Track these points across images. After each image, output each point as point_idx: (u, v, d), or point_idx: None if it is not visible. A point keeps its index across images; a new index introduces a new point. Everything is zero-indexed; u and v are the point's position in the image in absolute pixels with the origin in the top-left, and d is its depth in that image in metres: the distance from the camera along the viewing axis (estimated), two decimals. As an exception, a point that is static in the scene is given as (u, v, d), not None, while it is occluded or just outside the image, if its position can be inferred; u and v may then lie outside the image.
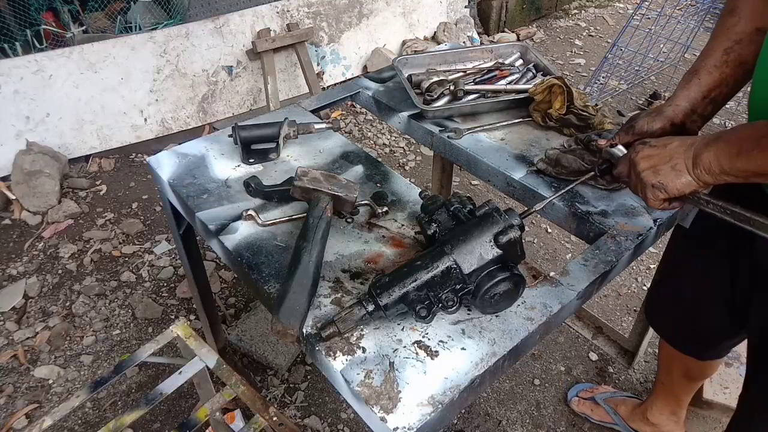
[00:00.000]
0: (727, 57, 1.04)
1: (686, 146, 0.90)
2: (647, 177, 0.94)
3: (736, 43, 1.03)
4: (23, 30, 2.92)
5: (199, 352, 1.28)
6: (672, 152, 0.92)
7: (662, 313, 1.49)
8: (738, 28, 1.03)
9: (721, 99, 1.07)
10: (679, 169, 0.90)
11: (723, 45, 1.04)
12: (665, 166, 0.91)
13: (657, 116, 1.07)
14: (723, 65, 1.04)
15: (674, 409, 1.67)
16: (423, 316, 0.92)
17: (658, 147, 0.94)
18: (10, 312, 2.22)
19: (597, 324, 2.13)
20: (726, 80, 1.05)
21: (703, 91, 1.06)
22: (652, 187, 0.93)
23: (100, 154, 3.10)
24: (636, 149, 0.98)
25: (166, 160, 1.37)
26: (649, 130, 1.07)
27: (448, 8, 4.30)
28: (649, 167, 0.94)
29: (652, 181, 0.93)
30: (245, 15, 3.26)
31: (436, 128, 1.50)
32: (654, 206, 0.97)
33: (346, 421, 1.88)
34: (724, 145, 0.86)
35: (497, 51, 1.81)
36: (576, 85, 3.60)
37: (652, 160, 0.94)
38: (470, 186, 3.05)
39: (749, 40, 1.02)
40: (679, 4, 4.05)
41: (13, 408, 1.90)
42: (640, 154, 0.96)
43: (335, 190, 1.12)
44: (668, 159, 0.92)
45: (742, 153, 0.82)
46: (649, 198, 0.96)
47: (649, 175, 0.93)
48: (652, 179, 0.93)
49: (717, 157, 0.86)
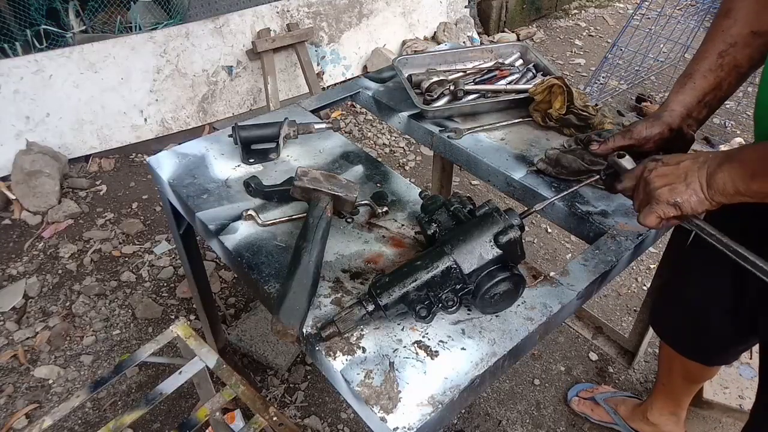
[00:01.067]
0: (722, 60, 1.03)
1: (699, 164, 0.89)
2: (663, 195, 0.91)
3: (731, 47, 1.02)
4: (23, 30, 2.92)
5: (199, 352, 1.28)
6: (686, 170, 0.90)
7: (668, 320, 1.47)
8: (733, 30, 1.02)
9: (716, 102, 1.07)
10: (694, 188, 0.88)
11: (718, 48, 1.04)
12: (681, 184, 0.89)
13: (655, 122, 1.07)
14: (718, 69, 1.04)
15: (674, 409, 1.67)
16: (423, 316, 0.92)
17: (671, 165, 0.92)
18: (10, 312, 2.22)
19: (597, 324, 2.13)
20: (721, 84, 1.05)
21: (698, 96, 1.06)
22: (666, 204, 0.91)
23: (100, 154, 3.10)
24: (648, 167, 0.95)
25: (166, 160, 1.37)
26: (648, 135, 1.07)
27: (448, 8, 4.30)
28: (665, 185, 0.91)
29: (668, 199, 0.90)
30: (245, 15, 3.26)
31: (436, 128, 1.50)
32: (652, 225, 0.94)
33: (346, 421, 1.88)
34: (738, 167, 0.84)
35: (497, 51, 1.81)
36: (576, 85, 3.60)
37: (667, 178, 0.91)
38: (470, 186, 3.05)
39: (744, 44, 1.02)
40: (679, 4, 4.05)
41: (13, 408, 1.90)
42: (655, 173, 0.93)
43: (335, 190, 1.12)
44: (683, 177, 0.90)
45: (757, 175, 0.81)
46: (657, 215, 0.93)
47: (664, 193, 0.91)
48: (668, 197, 0.90)
49: (732, 178, 0.84)
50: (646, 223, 0.94)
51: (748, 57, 1.02)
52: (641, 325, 1.94)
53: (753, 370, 1.90)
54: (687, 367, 1.51)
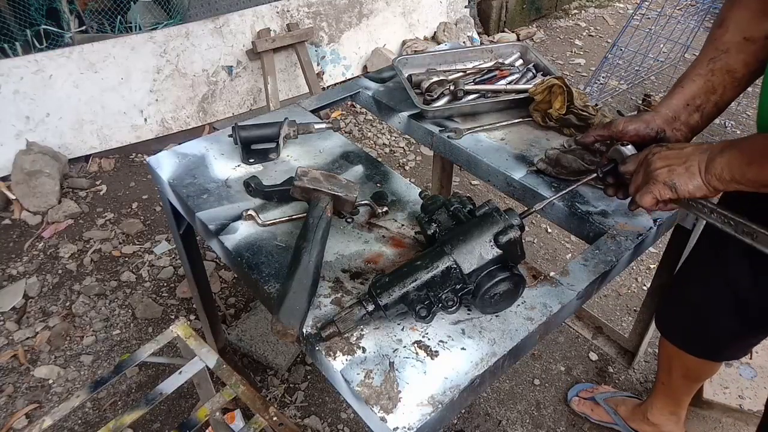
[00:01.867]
0: (712, 66, 1.06)
1: (701, 150, 0.91)
2: (660, 174, 0.94)
3: (723, 53, 1.05)
4: (23, 30, 2.92)
5: (199, 352, 1.28)
6: (688, 154, 0.93)
7: (674, 319, 1.46)
8: (725, 38, 1.05)
9: (711, 107, 1.08)
10: (692, 171, 0.91)
11: (709, 55, 1.07)
12: (680, 167, 0.92)
13: (635, 119, 1.11)
14: (708, 73, 1.07)
15: (674, 409, 1.67)
16: (423, 316, 0.92)
17: (675, 149, 0.95)
18: (10, 312, 2.22)
19: (597, 324, 2.13)
20: (712, 88, 1.07)
21: (686, 99, 1.08)
22: (663, 185, 0.93)
23: (100, 154, 3.10)
24: (653, 150, 0.99)
25: (166, 160, 1.37)
26: (624, 129, 1.10)
27: (448, 8, 4.30)
28: (665, 166, 0.94)
29: (665, 179, 0.93)
30: (245, 15, 3.26)
31: (436, 128, 1.50)
32: (647, 205, 0.96)
33: (346, 421, 1.88)
34: (737, 153, 0.86)
35: (497, 51, 1.81)
36: (576, 85, 3.60)
37: (668, 159, 0.95)
38: (470, 186, 3.05)
39: (737, 49, 1.04)
40: (679, 4, 4.05)
41: (13, 408, 1.90)
42: (658, 155, 0.97)
43: (335, 190, 1.12)
44: (684, 160, 0.92)
45: (753, 163, 0.83)
46: (653, 195, 0.95)
47: (663, 173, 0.94)
48: (665, 177, 0.93)
49: (729, 164, 0.86)
50: (641, 203, 0.97)
51: (743, 62, 1.05)
52: (641, 325, 1.94)
53: (753, 370, 1.90)
54: (687, 365, 1.51)
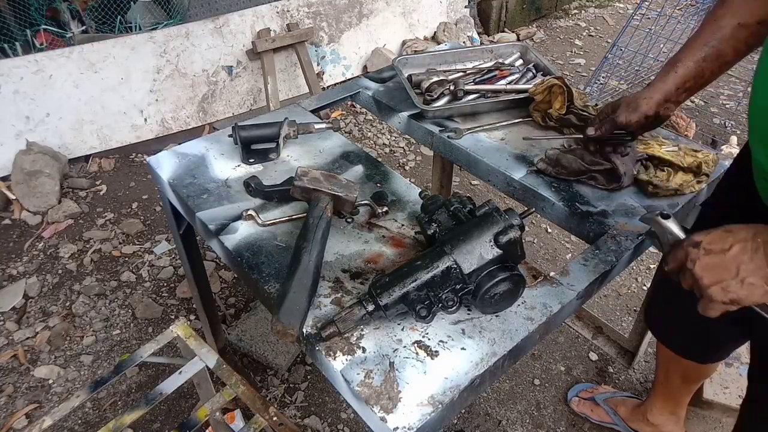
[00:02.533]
0: (706, 52, 1.09)
1: (750, 252, 0.79)
2: (716, 295, 0.82)
3: (717, 39, 1.07)
4: (23, 30, 2.92)
5: (199, 352, 1.28)
6: (737, 262, 0.80)
7: (662, 319, 1.49)
8: (723, 21, 1.06)
9: (697, 88, 1.15)
10: (751, 282, 0.79)
11: (704, 38, 1.09)
12: (734, 281, 0.80)
13: (634, 111, 1.17)
14: (700, 60, 1.10)
15: (674, 409, 1.67)
16: (423, 316, 0.92)
17: (716, 253, 0.82)
18: (10, 312, 2.22)
19: (597, 324, 2.13)
20: (703, 72, 1.11)
21: (678, 83, 1.13)
22: (723, 304, 0.83)
23: (100, 154, 3.10)
24: (691, 255, 0.85)
25: (166, 160, 1.37)
26: (629, 122, 1.18)
27: (448, 8, 4.30)
28: (716, 283, 0.82)
29: (722, 299, 0.82)
30: (245, 15, 3.26)
31: (436, 128, 1.50)
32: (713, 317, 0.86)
33: (346, 421, 1.88)
34: None
35: (497, 51, 1.81)
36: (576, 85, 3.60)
37: (716, 273, 0.82)
38: (470, 186, 3.05)
39: (730, 35, 1.05)
40: (679, 4, 4.05)
41: (13, 408, 1.90)
42: (699, 265, 0.84)
43: (335, 190, 1.12)
44: (735, 273, 0.80)
45: None
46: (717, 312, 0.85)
47: (718, 293, 0.82)
48: (723, 297, 0.82)
49: None
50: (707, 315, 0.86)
51: (733, 48, 1.07)
52: (641, 325, 1.94)
53: (753, 370, 1.90)
54: (684, 367, 1.51)
